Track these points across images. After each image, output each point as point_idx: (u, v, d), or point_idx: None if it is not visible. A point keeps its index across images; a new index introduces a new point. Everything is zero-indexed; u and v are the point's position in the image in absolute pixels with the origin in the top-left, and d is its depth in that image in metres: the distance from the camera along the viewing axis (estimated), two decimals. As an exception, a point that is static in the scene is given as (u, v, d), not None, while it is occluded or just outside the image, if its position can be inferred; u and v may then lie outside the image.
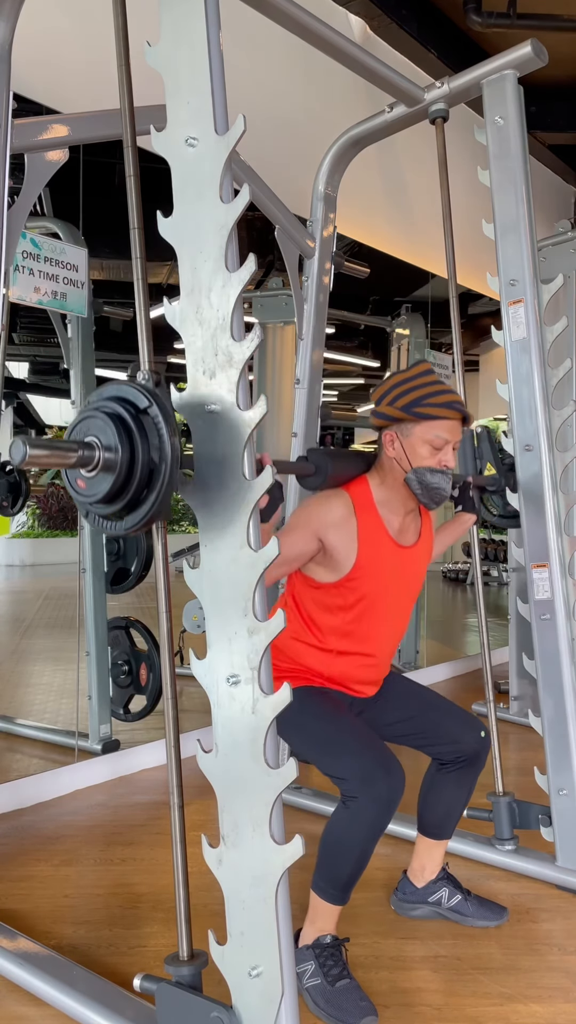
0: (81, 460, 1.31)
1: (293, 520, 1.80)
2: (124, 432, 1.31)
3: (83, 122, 2.13)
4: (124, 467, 1.31)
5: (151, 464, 1.32)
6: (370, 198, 4.06)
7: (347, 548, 1.78)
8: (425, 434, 1.78)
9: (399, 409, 1.79)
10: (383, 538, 1.83)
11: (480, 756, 1.96)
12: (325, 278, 2.91)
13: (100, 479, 1.32)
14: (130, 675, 3.21)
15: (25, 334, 5.25)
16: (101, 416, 1.33)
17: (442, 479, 1.80)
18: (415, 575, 1.94)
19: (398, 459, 1.81)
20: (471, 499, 2.21)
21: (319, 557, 1.80)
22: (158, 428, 1.32)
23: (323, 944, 1.76)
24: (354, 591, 1.81)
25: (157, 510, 1.33)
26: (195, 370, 1.39)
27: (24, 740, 3.47)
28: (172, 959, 1.44)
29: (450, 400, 1.78)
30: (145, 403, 1.34)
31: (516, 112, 2.36)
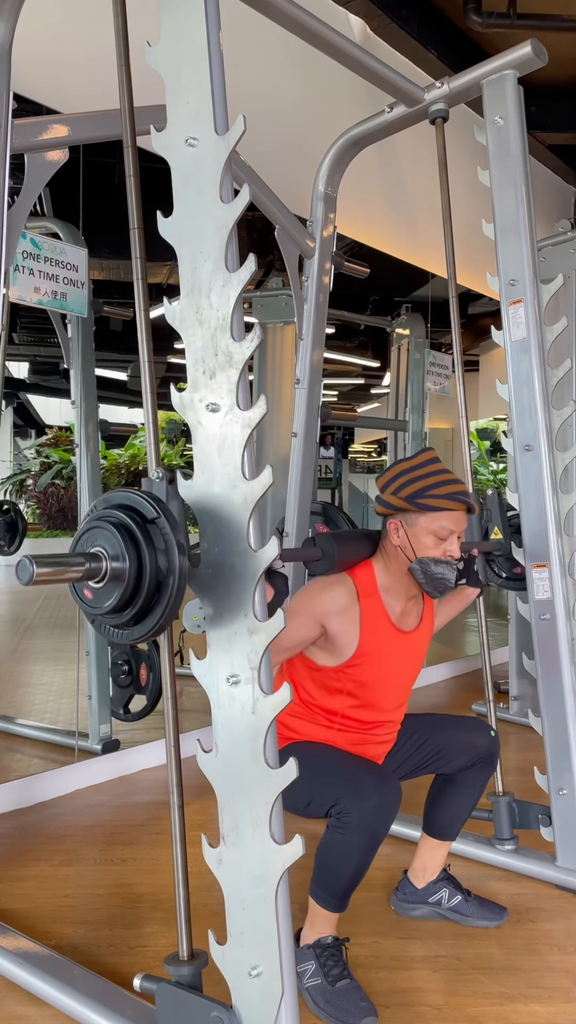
0: (88, 573, 1.29)
1: (295, 605, 1.80)
2: (131, 543, 1.29)
3: (83, 122, 2.13)
4: (132, 579, 1.29)
5: (159, 575, 1.31)
6: (370, 198, 4.06)
7: (349, 635, 1.78)
8: (430, 525, 1.77)
9: (403, 500, 1.78)
10: (385, 624, 1.83)
11: (494, 755, 1.98)
12: (325, 278, 2.92)
13: (108, 590, 1.31)
14: (130, 675, 3.21)
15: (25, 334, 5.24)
16: (107, 527, 1.31)
17: (446, 569, 1.79)
18: (416, 658, 1.94)
19: (402, 548, 1.80)
20: (475, 573, 2.18)
21: (320, 641, 1.80)
22: (165, 538, 1.31)
23: (324, 944, 1.76)
24: (354, 677, 1.81)
25: (166, 620, 1.33)
26: (195, 370, 1.39)
27: (24, 740, 3.47)
28: (172, 959, 1.44)
29: (454, 491, 1.76)
30: (153, 514, 1.32)
31: (516, 112, 2.36)
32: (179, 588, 1.30)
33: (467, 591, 2.19)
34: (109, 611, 1.32)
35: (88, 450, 3.30)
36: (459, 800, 2.01)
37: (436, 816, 2.05)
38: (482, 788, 2.01)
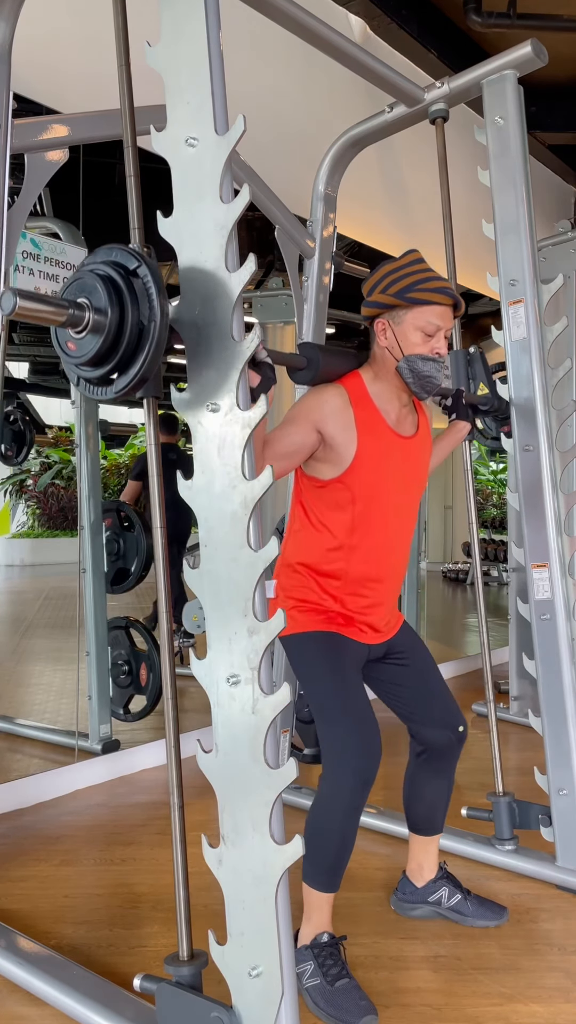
0: (71, 319, 1.31)
1: (290, 414, 1.79)
2: (114, 292, 1.32)
3: (83, 122, 2.13)
4: (113, 327, 1.31)
5: (140, 325, 1.32)
6: (370, 198, 4.06)
7: (346, 438, 1.77)
8: (417, 320, 1.77)
9: (391, 295, 1.78)
10: (382, 427, 1.82)
11: (454, 749, 1.98)
12: (325, 278, 2.91)
13: (89, 339, 1.32)
14: (130, 675, 3.21)
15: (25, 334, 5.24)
16: (92, 277, 1.33)
17: (434, 367, 1.79)
18: (417, 468, 1.93)
19: (390, 348, 1.81)
20: (465, 408, 2.22)
21: (320, 452, 1.79)
22: (147, 289, 1.33)
23: (321, 944, 1.76)
24: (358, 481, 1.79)
25: (146, 371, 1.33)
26: (195, 370, 1.39)
27: (24, 740, 3.47)
28: (172, 959, 1.44)
29: (441, 286, 1.77)
30: (135, 263, 1.34)
31: (516, 112, 2.36)
32: (159, 337, 1.32)
33: (459, 425, 2.23)
34: (90, 360, 1.33)
35: (88, 450, 3.30)
36: (429, 792, 2.01)
37: (413, 812, 2.06)
38: (450, 777, 2.02)
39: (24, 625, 5.68)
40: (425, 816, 2.04)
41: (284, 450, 1.73)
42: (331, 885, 1.75)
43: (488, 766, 3.15)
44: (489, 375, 2.44)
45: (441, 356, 1.80)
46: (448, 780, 2.02)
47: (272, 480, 1.32)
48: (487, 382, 2.42)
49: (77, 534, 3.32)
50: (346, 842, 1.72)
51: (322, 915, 1.77)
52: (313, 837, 1.72)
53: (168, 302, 1.34)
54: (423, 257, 1.85)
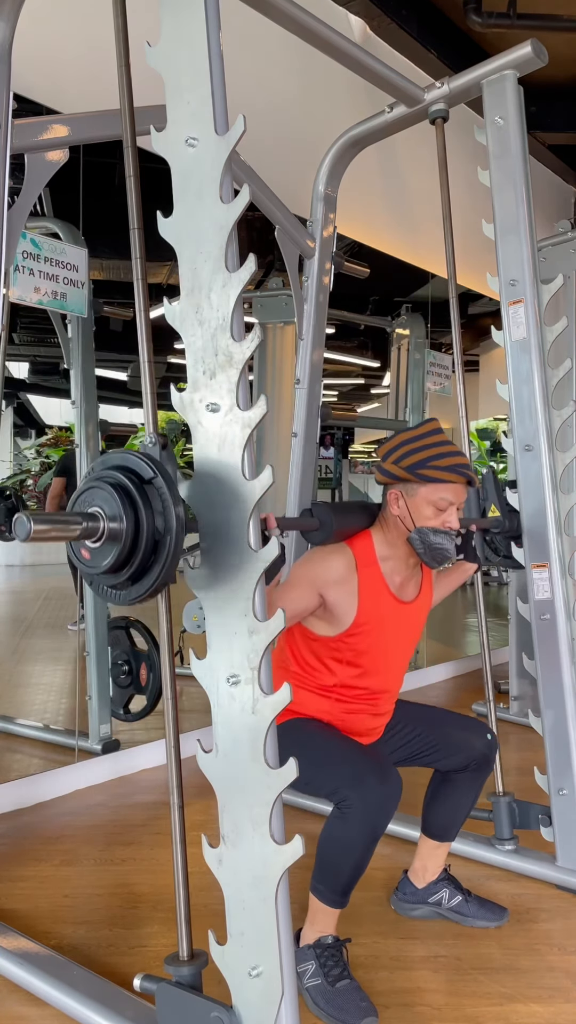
0: (85, 532, 1.30)
1: (294, 575, 1.80)
2: (128, 503, 1.31)
3: (83, 122, 2.13)
4: (129, 538, 1.30)
5: (156, 535, 1.32)
6: (370, 198, 4.06)
7: (347, 604, 1.79)
8: (430, 496, 1.77)
9: (404, 469, 1.78)
10: (384, 594, 1.83)
11: (489, 760, 1.97)
12: (325, 278, 2.92)
13: (105, 550, 1.32)
14: (130, 675, 3.21)
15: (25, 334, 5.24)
16: (105, 487, 1.32)
17: (445, 540, 1.79)
18: (414, 628, 1.95)
19: (402, 518, 1.81)
20: (473, 548, 2.20)
21: (319, 612, 1.81)
22: (162, 498, 1.32)
23: (324, 944, 1.76)
24: (353, 647, 1.82)
25: (163, 581, 1.33)
26: (195, 370, 1.39)
27: (24, 740, 3.47)
28: (172, 959, 1.44)
29: (455, 463, 1.77)
30: (150, 474, 1.33)
31: (516, 112, 2.36)
32: (176, 547, 1.31)
33: (465, 566, 2.22)
34: (106, 570, 1.33)
35: (88, 450, 3.30)
36: (456, 801, 2.01)
37: (433, 817, 2.05)
38: (478, 790, 2.01)
39: (24, 625, 5.68)
40: (443, 825, 2.04)
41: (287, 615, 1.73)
42: (341, 903, 1.74)
43: (488, 766, 3.16)
44: (500, 494, 2.43)
45: (452, 530, 1.80)
46: (476, 793, 2.01)
47: (272, 480, 1.32)
48: (498, 504, 2.41)
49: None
50: (363, 865, 1.68)
51: (327, 923, 1.77)
52: (327, 858, 1.69)
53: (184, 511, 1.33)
54: (441, 428, 1.85)
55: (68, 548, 1.39)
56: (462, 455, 1.80)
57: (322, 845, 1.70)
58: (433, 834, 2.06)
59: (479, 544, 2.21)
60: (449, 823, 2.03)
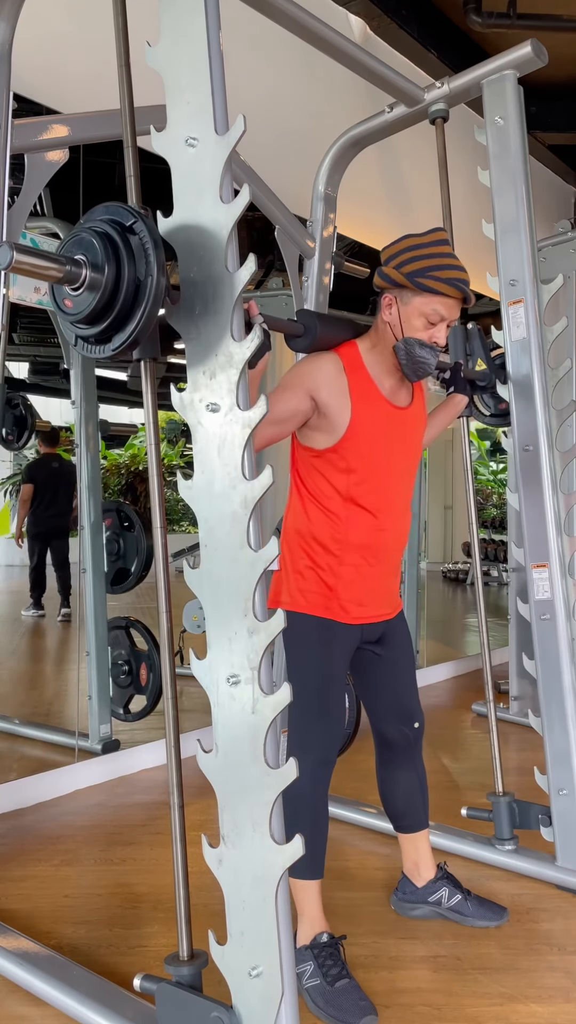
0: (68, 276, 1.31)
1: (284, 380, 1.80)
2: (111, 249, 1.32)
3: (83, 122, 2.13)
4: (110, 284, 1.31)
5: (137, 281, 1.32)
6: (370, 198, 4.06)
7: (340, 405, 1.78)
8: (423, 306, 1.77)
9: (404, 275, 1.77)
10: (375, 396, 1.83)
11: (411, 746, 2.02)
12: (325, 278, 2.91)
13: (86, 296, 1.33)
14: (130, 675, 3.21)
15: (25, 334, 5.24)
16: (89, 234, 1.33)
17: (429, 354, 1.80)
18: (412, 439, 1.93)
19: (392, 324, 1.81)
20: (463, 381, 2.23)
21: (314, 420, 1.80)
22: (144, 245, 1.33)
23: (321, 944, 1.76)
24: (353, 450, 1.80)
25: (143, 327, 1.33)
26: (195, 370, 1.39)
27: (24, 740, 3.47)
28: (172, 959, 1.44)
29: (454, 277, 1.76)
30: (131, 219, 1.35)
31: (516, 112, 2.36)
32: (156, 293, 1.32)
33: (456, 398, 2.25)
34: (87, 317, 1.33)
35: (88, 450, 3.31)
36: (401, 786, 2.03)
37: (390, 808, 2.07)
38: (416, 769, 2.04)
39: (24, 625, 5.68)
40: (402, 811, 2.06)
41: (277, 416, 1.73)
42: (313, 871, 1.77)
43: (488, 766, 3.15)
44: (487, 351, 2.44)
45: (438, 345, 1.80)
46: (416, 772, 2.04)
47: (272, 480, 1.31)
48: (485, 358, 2.42)
49: (77, 534, 3.32)
50: (318, 823, 1.76)
51: (313, 907, 1.77)
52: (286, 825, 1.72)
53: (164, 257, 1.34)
54: (447, 238, 1.83)
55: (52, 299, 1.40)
56: (464, 270, 1.78)
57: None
58: (400, 826, 2.08)
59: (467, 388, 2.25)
60: (407, 809, 2.05)
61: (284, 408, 1.75)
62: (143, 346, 1.40)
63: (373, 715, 2.02)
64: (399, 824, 2.08)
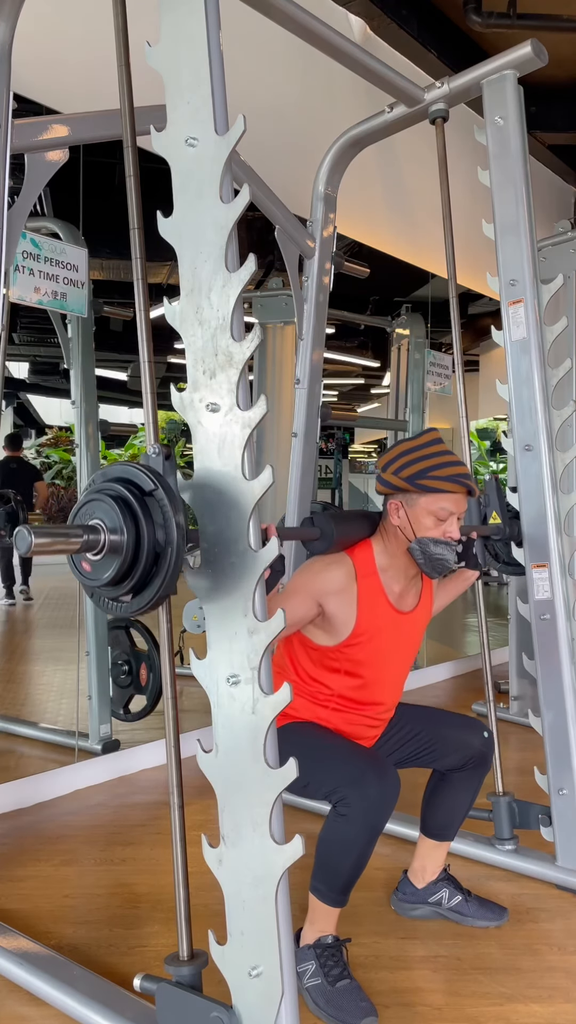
0: (86, 544, 1.30)
1: (293, 584, 1.80)
2: (129, 515, 1.30)
3: (83, 122, 2.13)
4: (130, 551, 1.30)
5: (157, 547, 1.31)
6: (370, 198, 4.06)
7: (346, 614, 1.79)
8: (430, 506, 1.77)
9: (404, 480, 1.78)
10: (382, 605, 1.83)
11: (487, 757, 1.97)
12: (325, 278, 2.91)
13: (106, 562, 1.31)
14: (130, 675, 3.21)
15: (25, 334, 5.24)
16: (106, 500, 1.32)
17: (446, 550, 1.79)
18: (413, 638, 1.95)
19: (402, 528, 1.81)
20: (474, 556, 2.18)
21: (317, 621, 1.81)
22: (163, 510, 1.32)
23: (324, 944, 1.76)
24: (352, 657, 1.82)
25: (164, 592, 1.33)
26: (195, 370, 1.39)
27: (24, 740, 3.47)
28: (172, 959, 1.44)
29: (455, 473, 1.77)
30: (151, 486, 1.33)
31: (516, 112, 2.36)
32: (177, 560, 1.31)
33: (466, 574, 2.20)
34: (107, 583, 1.32)
35: (88, 450, 3.30)
36: (454, 801, 2.01)
37: (432, 817, 2.05)
38: (476, 789, 2.01)
39: (24, 625, 5.68)
40: (443, 823, 2.04)
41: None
42: (340, 902, 1.74)
43: (488, 766, 3.16)
44: (502, 502, 2.43)
45: (453, 540, 1.79)
46: (474, 792, 2.01)
47: (272, 480, 1.32)
48: (500, 511, 2.41)
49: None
50: (362, 864, 1.68)
51: (327, 922, 1.76)
52: (327, 857, 1.69)
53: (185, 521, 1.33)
54: (441, 437, 1.84)
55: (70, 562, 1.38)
56: (462, 464, 1.80)
57: (321, 845, 1.70)
58: (432, 834, 2.06)
59: (480, 550, 2.21)
60: (447, 822, 2.03)
61: (292, 616, 1.73)
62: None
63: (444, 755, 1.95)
64: (431, 832, 2.06)
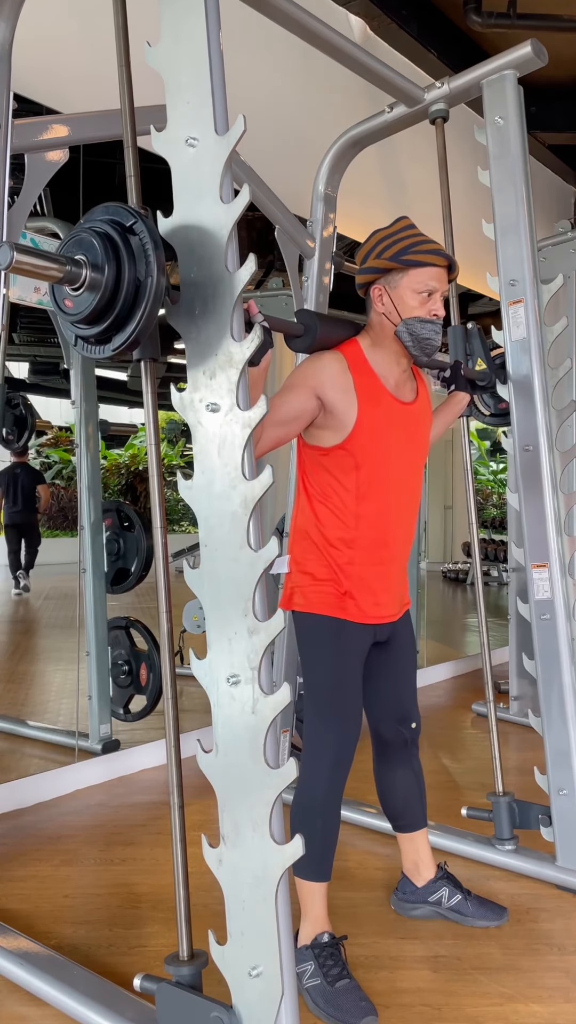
0: (68, 276, 1.31)
1: (289, 381, 1.80)
2: (111, 250, 1.32)
3: (83, 122, 2.13)
4: (110, 284, 1.31)
5: (137, 281, 1.32)
6: (370, 198, 4.06)
7: (346, 403, 1.78)
8: (412, 283, 1.78)
9: (386, 259, 1.79)
10: (381, 392, 1.83)
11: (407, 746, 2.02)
12: (325, 278, 2.91)
13: (86, 296, 1.33)
14: (130, 675, 3.21)
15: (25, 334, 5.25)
16: (89, 234, 1.33)
17: (432, 329, 1.80)
18: (419, 433, 1.93)
19: (387, 313, 1.81)
20: (463, 379, 2.24)
21: (320, 419, 1.79)
22: (144, 245, 1.33)
23: (322, 944, 1.76)
24: (361, 447, 1.80)
25: (143, 327, 1.33)
26: (195, 370, 1.39)
27: (24, 740, 3.47)
28: (172, 959, 1.44)
29: (435, 247, 1.79)
30: (131, 220, 1.35)
31: (516, 112, 2.36)
32: (156, 293, 1.32)
33: (458, 396, 2.24)
34: (87, 318, 1.33)
35: (88, 450, 3.30)
36: (399, 786, 2.03)
37: (389, 808, 2.07)
38: (413, 767, 2.03)
39: (24, 625, 5.68)
40: (400, 810, 2.05)
41: (283, 416, 1.73)
42: (321, 874, 1.76)
43: (488, 766, 3.15)
44: (487, 351, 2.44)
45: (439, 318, 1.81)
46: (413, 771, 2.04)
47: (272, 480, 1.32)
48: (485, 358, 2.42)
49: (77, 534, 3.32)
50: (328, 826, 1.76)
51: (317, 909, 1.77)
52: (296, 826, 1.76)
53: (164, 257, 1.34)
54: (414, 224, 1.86)
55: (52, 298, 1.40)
56: (439, 243, 1.82)
57: (292, 815, 1.79)
58: (398, 825, 2.08)
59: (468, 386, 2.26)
60: (404, 808, 2.04)
61: (290, 408, 1.75)
62: (143, 346, 1.40)
63: (372, 715, 2.01)
64: (397, 824, 2.08)
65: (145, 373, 1.47)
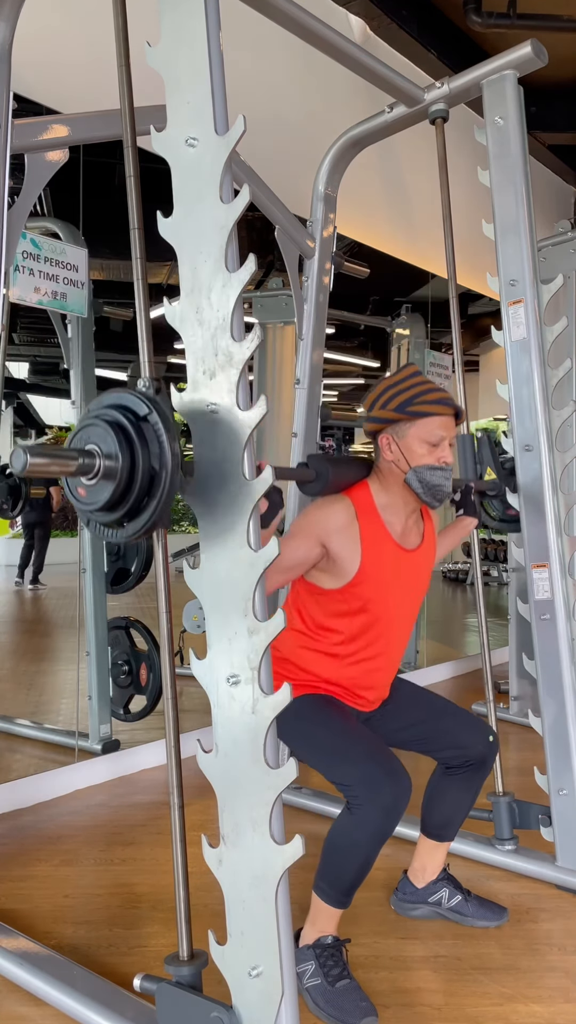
0: (82, 468, 1.31)
1: (295, 527, 1.80)
2: (124, 440, 1.31)
3: (83, 122, 2.13)
4: (125, 475, 1.31)
5: (151, 471, 1.32)
6: (370, 198, 4.06)
7: (350, 553, 1.78)
8: (420, 432, 1.79)
9: (393, 410, 1.81)
10: (386, 542, 1.83)
11: (487, 761, 1.96)
12: (325, 278, 2.91)
13: (101, 487, 1.32)
14: (130, 675, 3.21)
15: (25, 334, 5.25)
16: (101, 424, 1.33)
17: (442, 476, 1.81)
18: (420, 578, 1.94)
19: (396, 461, 1.82)
20: (472, 503, 2.22)
21: (322, 564, 1.80)
22: (158, 435, 1.32)
23: (324, 944, 1.76)
24: (359, 597, 1.81)
25: (158, 517, 1.33)
26: (195, 370, 1.39)
27: (24, 740, 3.47)
28: (172, 959, 1.44)
29: (441, 397, 1.80)
30: (145, 410, 1.34)
31: (516, 112, 2.36)
32: (171, 484, 1.32)
33: (466, 520, 2.24)
34: (102, 507, 1.33)
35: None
36: (453, 802, 2.00)
37: (431, 817, 2.05)
38: (476, 790, 2.00)
39: (24, 625, 5.68)
40: (442, 823, 2.03)
41: (288, 564, 1.74)
42: (344, 903, 1.74)
43: (488, 766, 3.16)
44: (496, 458, 2.44)
45: (448, 465, 1.81)
46: (474, 793, 2.00)
47: (272, 479, 1.31)
48: (494, 466, 2.42)
49: (77, 534, 3.32)
50: (368, 866, 1.68)
51: (328, 922, 1.76)
52: (333, 857, 1.69)
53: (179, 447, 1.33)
54: (420, 371, 1.88)
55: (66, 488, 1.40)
56: (445, 391, 1.82)
57: (329, 844, 1.70)
58: (432, 834, 2.06)
59: (477, 506, 2.25)
60: (446, 822, 2.03)
61: (295, 557, 1.75)
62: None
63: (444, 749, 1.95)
64: (431, 833, 2.05)
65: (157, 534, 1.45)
